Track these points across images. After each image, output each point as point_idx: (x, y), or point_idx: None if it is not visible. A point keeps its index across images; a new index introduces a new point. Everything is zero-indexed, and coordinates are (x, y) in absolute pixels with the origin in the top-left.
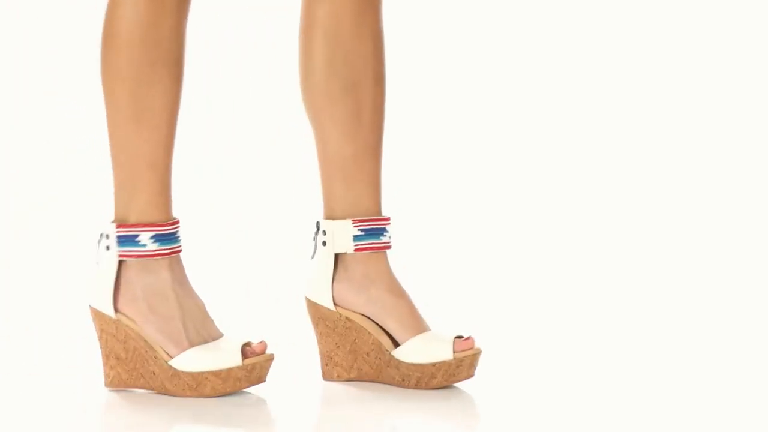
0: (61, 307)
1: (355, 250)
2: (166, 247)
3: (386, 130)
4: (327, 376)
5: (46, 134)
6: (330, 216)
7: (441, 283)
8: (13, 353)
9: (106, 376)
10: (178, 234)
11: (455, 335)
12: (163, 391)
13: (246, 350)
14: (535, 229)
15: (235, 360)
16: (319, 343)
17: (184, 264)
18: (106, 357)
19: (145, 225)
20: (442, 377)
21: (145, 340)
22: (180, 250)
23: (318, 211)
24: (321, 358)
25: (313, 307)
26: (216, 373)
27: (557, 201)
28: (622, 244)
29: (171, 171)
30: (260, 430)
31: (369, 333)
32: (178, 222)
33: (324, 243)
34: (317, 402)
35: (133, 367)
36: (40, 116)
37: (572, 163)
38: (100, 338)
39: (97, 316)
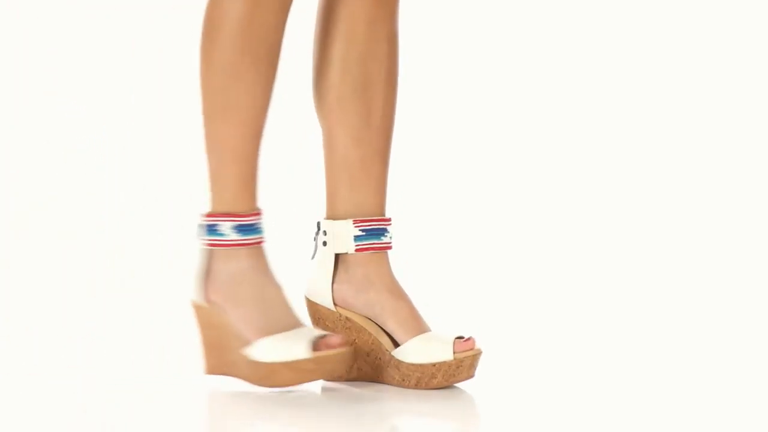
0: (61, 307)
1: (356, 250)
2: (246, 238)
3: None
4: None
5: (46, 134)
6: (332, 216)
7: (441, 283)
8: (13, 353)
9: (205, 363)
10: (258, 225)
11: (456, 336)
12: (245, 380)
13: (319, 343)
14: (534, 230)
15: (304, 352)
16: None
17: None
18: (204, 345)
19: (226, 215)
20: (442, 377)
21: (229, 328)
22: (262, 241)
23: (319, 211)
24: None
25: (313, 308)
26: (286, 365)
27: (557, 203)
28: (621, 245)
29: (257, 164)
30: (260, 430)
31: (369, 333)
32: (260, 213)
33: (324, 243)
34: (317, 402)
35: (221, 354)
36: (40, 116)
37: (571, 166)
38: (197, 326)
39: (194, 303)
